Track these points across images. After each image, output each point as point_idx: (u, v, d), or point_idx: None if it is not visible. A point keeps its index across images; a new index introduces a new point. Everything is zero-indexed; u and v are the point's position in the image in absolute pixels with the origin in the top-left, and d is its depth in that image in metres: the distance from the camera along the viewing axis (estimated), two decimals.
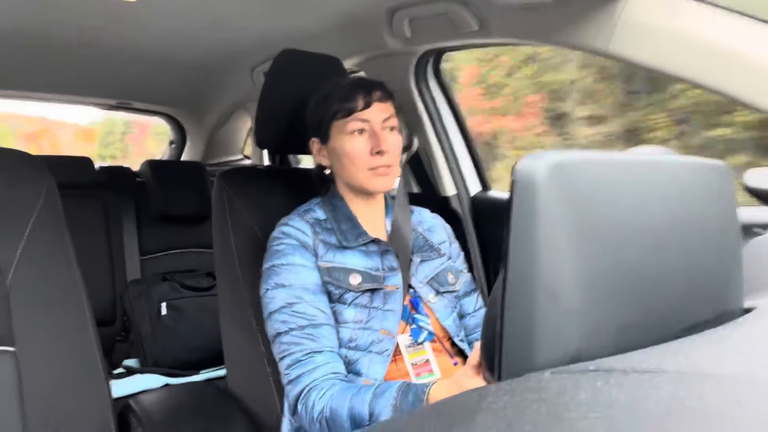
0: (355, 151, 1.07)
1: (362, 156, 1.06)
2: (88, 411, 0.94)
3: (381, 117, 1.07)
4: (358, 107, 1.06)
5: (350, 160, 1.07)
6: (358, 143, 1.07)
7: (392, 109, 1.10)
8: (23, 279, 0.92)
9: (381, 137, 1.06)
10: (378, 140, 1.05)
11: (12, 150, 1.00)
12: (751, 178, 0.91)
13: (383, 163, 1.06)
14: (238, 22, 1.70)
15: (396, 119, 1.11)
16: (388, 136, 1.08)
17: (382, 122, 1.08)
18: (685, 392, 0.29)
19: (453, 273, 1.18)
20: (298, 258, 1.05)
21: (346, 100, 1.07)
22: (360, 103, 1.06)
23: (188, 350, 1.95)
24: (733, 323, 0.47)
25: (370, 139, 1.06)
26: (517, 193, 0.39)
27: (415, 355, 1.06)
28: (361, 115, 1.06)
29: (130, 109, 2.76)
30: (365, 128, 1.07)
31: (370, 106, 1.07)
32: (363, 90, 1.07)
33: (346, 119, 1.07)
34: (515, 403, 0.29)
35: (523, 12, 1.25)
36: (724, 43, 0.98)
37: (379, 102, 1.08)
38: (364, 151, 1.06)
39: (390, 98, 1.11)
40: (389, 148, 1.06)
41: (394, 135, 1.10)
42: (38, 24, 1.67)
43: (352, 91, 1.07)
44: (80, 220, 1.99)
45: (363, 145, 1.06)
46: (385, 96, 1.09)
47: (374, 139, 1.06)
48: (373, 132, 1.07)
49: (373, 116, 1.07)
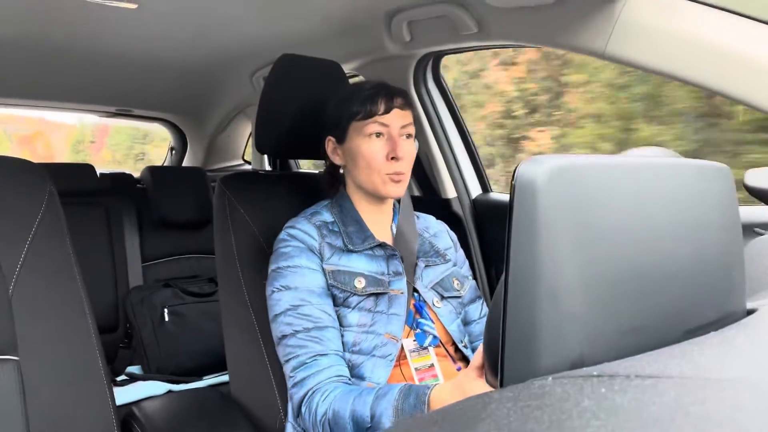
0: (372, 153, 1.07)
1: (378, 160, 1.07)
2: (91, 419, 0.94)
3: (400, 123, 1.08)
4: (379, 111, 1.07)
5: (366, 163, 1.08)
6: (375, 146, 1.07)
7: (411, 117, 1.11)
8: (26, 287, 0.92)
9: (398, 143, 1.07)
10: (395, 146, 1.06)
11: (13, 158, 1.01)
12: (750, 178, 0.91)
13: (397, 169, 1.07)
14: (238, 27, 1.70)
15: (413, 128, 1.12)
16: (405, 144, 1.08)
17: (400, 128, 1.09)
18: (688, 398, 0.29)
19: (458, 279, 1.18)
20: (304, 260, 1.05)
21: (368, 103, 1.08)
22: (381, 107, 1.07)
23: (191, 356, 1.95)
24: (736, 325, 0.47)
25: (387, 144, 1.07)
26: (518, 197, 0.39)
27: (419, 359, 1.06)
28: (381, 119, 1.07)
29: (130, 116, 2.77)
30: (383, 132, 1.08)
31: (391, 111, 1.08)
32: (385, 95, 1.09)
33: (366, 121, 1.08)
34: (518, 411, 0.29)
35: (522, 14, 1.25)
36: (722, 44, 0.98)
37: (399, 109, 1.09)
38: (380, 154, 1.07)
39: (410, 107, 1.12)
40: (405, 155, 1.07)
41: (410, 143, 1.10)
42: (38, 31, 1.67)
43: (374, 94, 1.08)
44: (82, 227, 1.99)
45: (380, 149, 1.07)
46: (406, 104, 1.11)
47: (391, 144, 1.07)
48: (391, 137, 1.08)
49: (392, 121, 1.08)
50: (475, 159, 1.78)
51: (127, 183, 2.32)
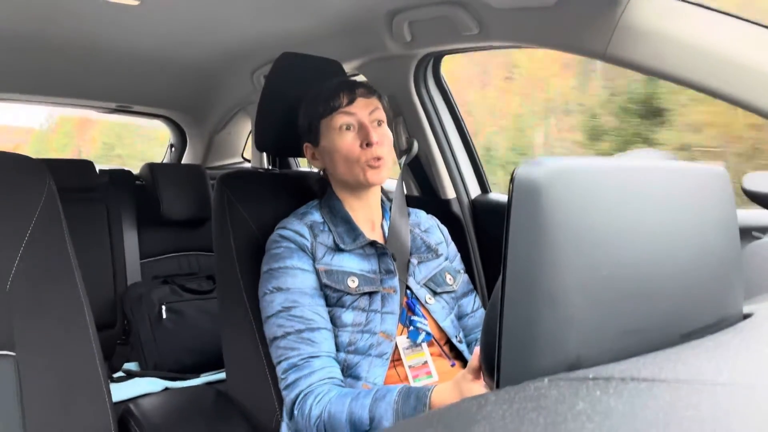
0: (345, 145, 1.08)
1: (354, 150, 1.08)
2: (88, 415, 0.94)
3: (367, 111, 1.10)
4: (343, 103, 1.09)
5: (342, 156, 1.09)
6: (347, 138, 1.09)
7: (378, 103, 1.12)
8: (23, 283, 0.92)
9: (369, 130, 1.08)
10: (366, 132, 1.07)
11: (11, 153, 1.00)
12: (748, 181, 0.91)
13: (374, 155, 1.07)
14: (239, 25, 1.70)
15: (383, 113, 1.13)
16: (377, 129, 1.09)
17: (368, 115, 1.10)
18: (683, 402, 0.29)
19: (451, 273, 1.19)
20: (296, 261, 1.05)
21: (331, 99, 1.10)
22: (344, 100, 1.09)
23: (188, 353, 1.95)
24: (732, 329, 0.47)
25: (359, 133, 1.08)
26: (516, 199, 0.39)
27: (413, 357, 1.07)
28: (346, 109, 1.09)
29: (130, 112, 2.77)
30: (352, 123, 1.09)
31: (354, 102, 1.09)
32: (346, 88, 1.11)
33: (332, 115, 1.09)
34: (513, 413, 0.29)
35: (523, 15, 1.25)
36: (723, 47, 0.98)
37: (362, 97, 1.11)
38: (354, 145, 1.08)
39: (374, 94, 1.13)
40: (379, 139, 1.08)
41: (382, 128, 1.12)
42: (39, 27, 1.67)
43: (335, 89, 1.11)
44: (80, 223, 1.99)
45: (352, 140, 1.08)
46: (368, 92, 1.12)
47: (363, 132, 1.08)
48: (361, 125, 1.09)
49: (358, 110, 1.09)
50: (474, 159, 1.78)
51: (126, 179, 2.32)
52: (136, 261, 2.17)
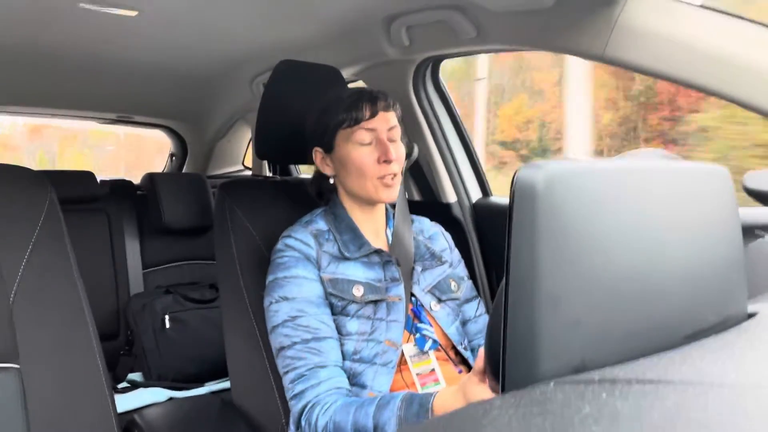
0: (363, 159, 1.07)
1: (370, 165, 1.07)
2: (93, 426, 0.94)
3: (386, 126, 1.08)
4: (365, 116, 1.07)
5: (358, 170, 1.08)
6: (365, 152, 1.07)
7: (396, 119, 1.11)
8: (26, 294, 0.92)
9: (388, 146, 1.06)
10: (385, 149, 1.06)
11: (13, 166, 1.01)
12: (750, 180, 0.91)
13: (390, 171, 1.07)
14: (237, 33, 1.71)
15: (399, 129, 1.12)
16: (394, 146, 1.08)
17: (387, 131, 1.08)
18: (689, 403, 0.29)
19: (455, 280, 1.18)
20: (301, 270, 1.05)
21: (353, 109, 1.07)
22: (366, 112, 1.07)
23: (192, 363, 1.95)
24: (736, 329, 0.47)
25: (377, 148, 1.07)
26: (518, 202, 0.39)
27: (420, 364, 1.06)
28: (368, 124, 1.07)
29: (130, 122, 2.78)
30: (372, 137, 1.08)
31: (376, 116, 1.08)
32: (368, 99, 1.08)
33: (353, 128, 1.07)
34: (519, 417, 0.29)
35: (521, 18, 1.25)
36: (720, 47, 0.98)
37: (383, 111, 1.09)
38: (371, 159, 1.07)
39: (393, 108, 1.11)
40: (396, 156, 1.07)
41: (397, 144, 1.10)
42: (39, 38, 1.68)
43: (357, 100, 1.08)
44: (83, 233, 1.99)
45: (370, 154, 1.07)
46: (389, 105, 1.10)
47: (381, 148, 1.07)
48: (380, 141, 1.07)
49: (379, 125, 1.08)
50: (475, 163, 1.78)
51: (128, 189, 2.32)
52: (139, 271, 2.18)
